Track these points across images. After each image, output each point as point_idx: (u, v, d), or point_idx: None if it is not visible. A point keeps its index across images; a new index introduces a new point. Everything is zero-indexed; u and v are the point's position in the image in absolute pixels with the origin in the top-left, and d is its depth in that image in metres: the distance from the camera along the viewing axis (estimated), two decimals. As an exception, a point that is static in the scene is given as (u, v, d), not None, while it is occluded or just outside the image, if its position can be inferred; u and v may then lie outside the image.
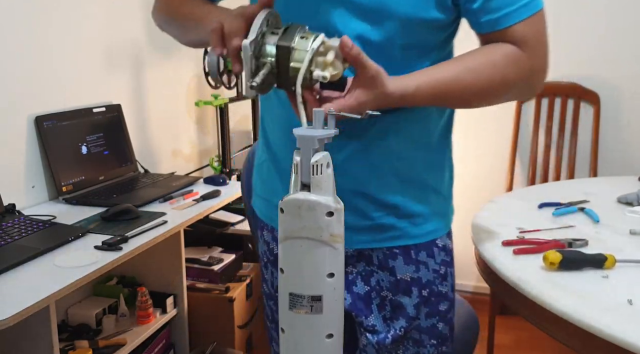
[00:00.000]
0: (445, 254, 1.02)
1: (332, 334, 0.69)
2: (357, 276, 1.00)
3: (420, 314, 1.00)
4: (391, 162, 0.95)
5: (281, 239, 0.68)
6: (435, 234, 1.01)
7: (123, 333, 1.80)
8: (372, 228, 0.98)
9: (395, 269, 0.99)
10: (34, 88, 1.89)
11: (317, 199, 0.65)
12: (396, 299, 1.00)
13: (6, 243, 1.48)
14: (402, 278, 0.99)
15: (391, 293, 1.00)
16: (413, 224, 0.98)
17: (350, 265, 1.00)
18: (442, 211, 1.03)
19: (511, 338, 2.43)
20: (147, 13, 2.45)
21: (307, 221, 0.65)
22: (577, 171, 2.55)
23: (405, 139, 0.95)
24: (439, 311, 1.02)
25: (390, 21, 0.86)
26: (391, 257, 0.99)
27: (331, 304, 0.67)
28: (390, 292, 1.00)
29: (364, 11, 0.87)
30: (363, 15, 0.87)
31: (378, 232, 0.98)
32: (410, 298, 0.99)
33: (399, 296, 0.99)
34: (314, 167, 0.66)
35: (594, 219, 1.36)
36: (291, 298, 0.67)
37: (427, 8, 0.86)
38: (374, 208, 0.97)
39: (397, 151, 0.95)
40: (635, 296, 0.97)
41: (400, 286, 0.99)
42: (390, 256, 0.99)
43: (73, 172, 1.97)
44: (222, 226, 2.30)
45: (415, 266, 0.99)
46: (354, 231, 0.96)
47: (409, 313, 1.00)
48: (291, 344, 0.70)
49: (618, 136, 2.51)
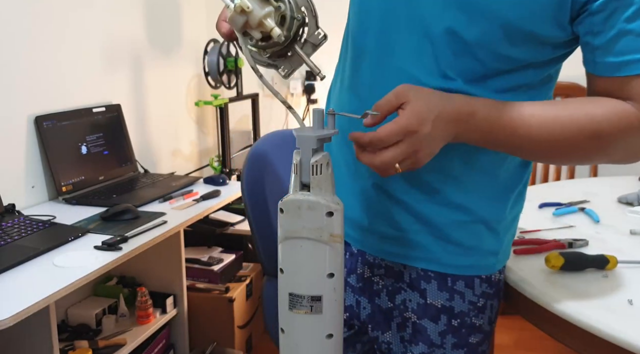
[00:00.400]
0: (488, 286, 0.92)
1: (332, 334, 0.69)
2: (384, 289, 0.93)
3: (446, 344, 0.91)
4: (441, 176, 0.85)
5: (281, 239, 0.67)
6: (473, 270, 0.90)
7: (123, 333, 1.80)
8: (402, 241, 0.89)
9: (426, 292, 0.90)
10: (34, 88, 1.89)
11: (317, 199, 0.65)
12: (420, 324, 0.91)
13: (6, 243, 1.48)
14: (432, 303, 0.90)
15: (416, 316, 0.91)
16: (448, 252, 0.88)
17: (378, 276, 0.93)
18: (491, 248, 0.91)
19: (511, 338, 2.43)
20: (147, 13, 2.46)
21: (307, 221, 0.65)
22: (578, 170, 2.54)
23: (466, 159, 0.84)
24: (468, 343, 0.92)
25: (487, 21, 0.74)
26: (424, 279, 0.90)
27: (331, 304, 0.67)
28: (416, 315, 0.91)
29: (460, 3, 0.74)
30: (458, 7, 0.75)
31: (409, 248, 0.89)
32: (436, 325, 0.91)
33: (424, 320, 0.91)
34: (314, 167, 0.66)
35: (594, 219, 1.36)
36: (291, 298, 0.67)
37: (536, 19, 0.72)
38: (407, 218, 0.87)
39: (450, 168, 0.84)
40: (635, 296, 0.97)
41: (428, 311, 0.91)
42: (424, 278, 0.90)
43: (73, 172, 1.97)
44: (222, 226, 2.31)
45: (449, 294, 0.90)
46: (380, 238, 0.90)
47: (432, 339, 0.91)
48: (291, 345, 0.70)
49: (618, 136, 2.50)
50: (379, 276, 0.93)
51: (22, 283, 1.30)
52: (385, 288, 0.93)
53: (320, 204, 0.65)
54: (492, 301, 0.93)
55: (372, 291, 0.94)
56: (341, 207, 0.66)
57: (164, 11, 2.53)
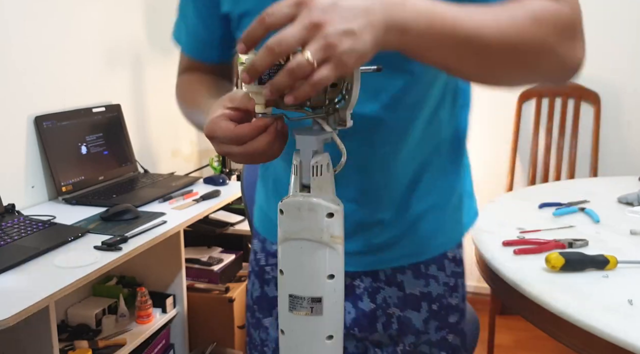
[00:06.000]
0: (456, 265, 0.96)
1: (332, 336, 0.69)
2: (365, 291, 0.95)
3: (430, 329, 0.95)
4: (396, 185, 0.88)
5: (280, 240, 0.67)
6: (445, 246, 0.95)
7: (123, 333, 1.80)
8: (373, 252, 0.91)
9: (403, 283, 0.93)
10: (34, 88, 1.89)
11: (318, 200, 0.65)
12: (404, 315, 0.94)
13: (6, 243, 1.47)
14: (411, 292, 0.93)
15: (399, 309, 0.94)
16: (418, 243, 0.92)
17: (358, 279, 0.95)
18: (456, 219, 0.96)
19: (511, 338, 2.43)
20: (147, 13, 2.45)
21: (307, 222, 0.65)
22: (578, 171, 2.55)
23: None
24: (449, 324, 0.96)
25: None
26: (400, 272, 0.93)
27: (331, 305, 0.67)
28: (398, 308, 0.94)
29: None
30: None
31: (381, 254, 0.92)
32: (419, 313, 0.94)
33: (407, 311, 0.94)
34: (314, 168, 0.65)
35: (594, 219, 1.36)
36: (291, 300, 0.67)
37: None
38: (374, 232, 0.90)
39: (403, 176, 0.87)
40: (635, 296, 0.97)
41: (408, 301, 0.94)
42: (399, 271, 0.93)
43: (73, 172, 1.97)
44: (221, 226, 2.30)
45: (425, 280, 0.93)
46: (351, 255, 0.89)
47: (417, 328, 0.95)
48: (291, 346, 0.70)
49: (618, 136, 2.50)
50: (358, 279, 0.95)
51: (22, 283, 1.30)
52: (366, 291, 0.94)
53: (320, 205, 0.65)
54: (461, 279, 0.98)
55: (355, 295, 0.95)
56: (341, 208, 0.66)
57: (164, 11, 2.53)
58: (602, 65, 2.45)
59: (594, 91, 2.48)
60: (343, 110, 0.66)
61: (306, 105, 0.66)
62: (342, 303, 0.70)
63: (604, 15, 2.41)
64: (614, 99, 2.48)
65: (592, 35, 2.75)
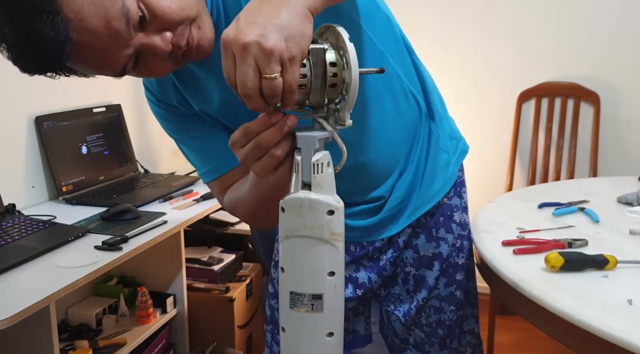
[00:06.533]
0: (462, 228, 1.12)
1: (332, 333, 0.69)
2: (387, 262, 1.09)
3: (439, 284, 1.11)
4: None
5: (281, 238, 0.68)
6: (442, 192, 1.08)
7: (123, 333, 1.80)
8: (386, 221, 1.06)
9: (418, 246, 1.09)
10: (34, 88, 1.89)
11: (318, 197, 0.65)
12: (419, 274, 1.10)
13: (6, 243, 1.48)
14: (424, 254, 1.09)
15: (414, 268, 1.10)
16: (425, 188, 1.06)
17: (382, 253, 1.09)
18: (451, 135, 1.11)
19: (511, 338, 2.43)
20: (147, 13, 2.44)
21: (308, 219, 0.65)
22: (577, 171, 2.55)
23: None
24: (456, 280, 1.12)
25: None
26: (414, 236, 1.09)
27: (332, 302, 0.67)
28: (414, 267, 1.10)
29: None
30: None
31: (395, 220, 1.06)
32: (432, 271, 1.10)
33: (422, 270, 1.10)
34: (315, 166, 0.66)
35: (593, 219, 1.36)
36: (292, 297, 0.67)
37: None
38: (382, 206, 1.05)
39: None
40: (635, 296, 0.97)
41: (423, 261, 1.10)
42: (414, 235, 1.09)
43: (73, 172, 1.97)
44: (222, 226, 2.31)
45: (436, 243, 1.09)
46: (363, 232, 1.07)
47: (430, 285, 1.10)
48: (292, 343, 0.70)
49: (618, 136, 2.51)
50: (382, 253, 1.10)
51: (23, 283, 1.30)
52: (389, 261, 1.09)
53: (321, 202, 0.65)
54: (466, 241, 1.14)
55: (379, 267, 1.10)
56: (342, 205, 0.67)
57: (164, 11, 2.53)
58: (601, 66, 2.45)
59: (594, 91, 2.48)
60: (343, 110, 0.67)
61: (306, 105, 0.68)
62: (343, 300, 0.70)
63: (603, 17, 2.42)
64: (613, 99, 2.48)
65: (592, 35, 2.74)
